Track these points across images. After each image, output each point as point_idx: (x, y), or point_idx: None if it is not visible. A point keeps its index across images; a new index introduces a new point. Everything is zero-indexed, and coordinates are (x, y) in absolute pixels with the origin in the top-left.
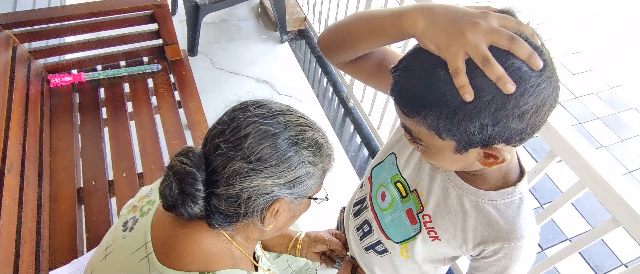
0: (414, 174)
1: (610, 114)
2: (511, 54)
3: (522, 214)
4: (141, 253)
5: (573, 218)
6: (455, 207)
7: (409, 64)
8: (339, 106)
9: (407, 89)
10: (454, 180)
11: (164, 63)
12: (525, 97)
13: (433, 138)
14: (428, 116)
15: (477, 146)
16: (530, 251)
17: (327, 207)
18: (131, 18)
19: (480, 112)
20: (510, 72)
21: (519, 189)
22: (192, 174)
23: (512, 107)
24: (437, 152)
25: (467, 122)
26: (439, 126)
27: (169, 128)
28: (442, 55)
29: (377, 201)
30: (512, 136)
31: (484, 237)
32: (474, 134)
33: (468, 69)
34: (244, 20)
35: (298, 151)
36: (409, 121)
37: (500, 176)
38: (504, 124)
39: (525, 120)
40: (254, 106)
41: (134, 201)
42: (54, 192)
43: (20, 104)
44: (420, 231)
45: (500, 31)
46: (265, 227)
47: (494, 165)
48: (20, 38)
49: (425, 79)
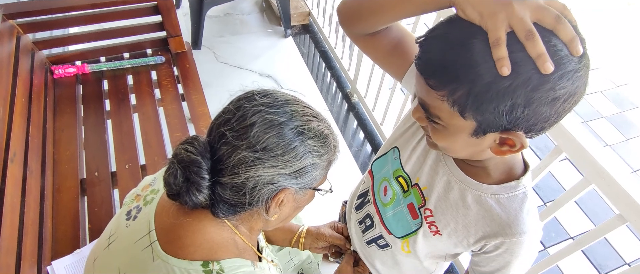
0: (416, 168)
1: (616, 113)
2: (554, 35)
3: (525, 208)
4: (145, 241)
5: (576, 216)
6: (457, 201)
7: (442, 32)
8: (343, 101)
9: (439, 59)
10: (457, 174)
11: (168, 55)
12: (562, 81)
13: (453, 117)
14: (457, 90)
15: (498, 130)
16: (532, 246)
17: (329, 201)
18: (135, 10)
19: (515, 91)
20: (551, 52)
21: (523, 183)
22: (197, 162)
23: (548, 89)
24: (453, 133)
25: (499, 100)
26: (467, 102)
27: (172, 121)
28: (484, 24)
29: (380, 196)
30: (537, 122)
31: (486, 232)
32: (501, 115)
33: (508, 42)
34: (248, 14)
35: (304, 141)
36: (431, 95)
37: (504, 169)
38: (535, 108)
39: (555, 106)
40: (260, 95)
41: (137, 190)
42: (56, 183)
43: (24, 95)
44: (422, 226)
45: (547, 9)
46: (270, 217)
47: (507, 153)
48: (24, 28)
49: (460, 49)
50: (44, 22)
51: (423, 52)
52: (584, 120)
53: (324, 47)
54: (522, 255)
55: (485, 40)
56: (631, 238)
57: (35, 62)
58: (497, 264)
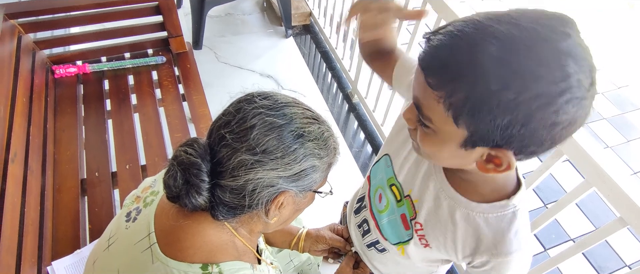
0: (409, 179)
1: (617, 115)
2: (571, 57)
3: (513, 229)
4: (144, 243)
5: (577, 218)
6: (446, 217)
7: (456, 29)
8: (343, 102)
9: (444, 55)
10: (447, 190)
11: (169, 56)
12: (567, 106)
13: (445, 122)
14: (457, 92)
15: (488, 145)
16: (520, 266)
17: (330, 202)
18: (136, 10)
19: (518, 106)
20: (563, 73)
21: (513, 202)
22: (196, 164)
23: (551, 112)
24: (441, 140)
25: (498, 112)
26: (465, 107)
27: (172, 121)
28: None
29: (375, 202)
30: (530, 144)
31: (473, 249)
32: (495, 129)
33: (523, 53)
34: (249, 14)
35: (304, 143)
36: (428, 94)
37: (495, 187)
38: (532, 128)
39: (553, 131)
40: (260, 97)
41: (137, 191)
42: (57, 182)
43: (25, 95)
44: (413, 237)
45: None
46: (270, 220)
47: (491, 172)
48: (25, 28)
49: (471, 48)
50: (45, 21)
51: (430, 47)
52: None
53: (325, 48)
54: (509, 273)
55: (500, 46)
56: (632, 240)
57: (36, 61)
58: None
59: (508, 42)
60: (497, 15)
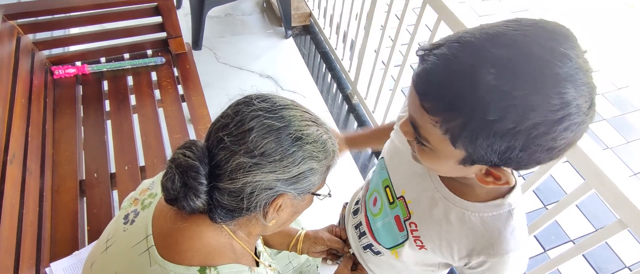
0: (402, 180)
1: (617, 115)
2: (570, 82)
3: (509, 227)
4: (142, 246)
5: (577, 219)
6: (441, 218)
7: (450, 52)
8: (343, 103)
9: (439, 81)
10: (442, 191)
11: (168, 56)
12: (566, 133)
13: (443, 144)
14: (453, 120)
15: (487, 165)
16: (517, 265)
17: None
18: (136, 10)
19: (516, 135)
20: (563, 102)
21: (509, 201)
22: (195, 167)
23: (549, 139)
24: (440, 158)
25: (496, 139)
26: (462, 134)
27: (171, 122)
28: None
29: (369, 206)
30: (528, 163)
31: (469, 250)
32: (493, 153)
33: (521, 82)
34: (248, 15)
35: (302, 146)
36: (423, 117)
37: (490, 188)
38: (530, 152)
39: (551, 153)
40: (258, 99)
41: (135, 194)
42: (56, 184)
43: (24, 95)
44: (408, 239)
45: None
46: (268, 222)
47: (490, 184)
48: (24, 29)
49: (466, 76)
50: (44, 22)
51: (423, 71)
52: None
53: (325, 49)
54: (505, 273)
55: (498, 72)
56: (632, 241)
57: (35, 62)
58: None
59: (505, 69)
60: (493, 34)
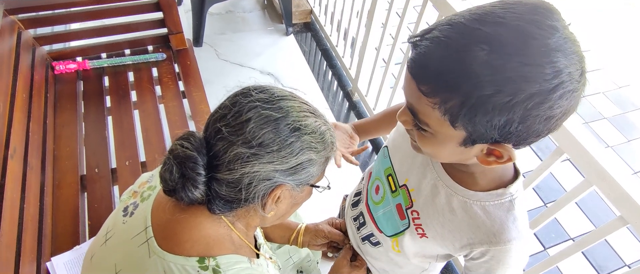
0: (405, 169)
1: (618, 114)
2: (560, 52)
3: (511, 216)
4: (141, 237)
5: (577, 217)
6: (443, 206)
7: (442, 34)
8: (344, 100)
9: (434, 63)
10: (444, 179)
11: (169, 52)
12: (561, 100)
13: (443, 125)
14: (451, 100)
15: (488, 142)
16: (519, 254)
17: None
18: (136, 6)
19: (514, 107)
20: (555, 69)
21: (510, 191)
22: (193, 158)
23: (546, 108)
24: (440, 141)
25: (495, 114)
26: (460, 112)
27: (172, 118)
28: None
29: (371, 194)
30: (528, 137)
31: (471, 239)
32: (493, 128)
33: (517, 53)
34: (249, 12)
35: (300, 137)
36: (421, 101)
37: (492, 177)
38: (529, 124)
39: (549, 123)
40: (256, 91)
41: (134, 186)
42: (57, 179)
43: (25, 91)
44: (409, 227)
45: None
46: (266, 214)
47: (493, 164)
48: (25, 24)
49: (460, 57)
50: (45, 18)
51: (418, 55)
52: (585, 121)
53: (326, 46)
54: (508, 263)
55: (490, 49)
56: (631, 239)
57: (36, 58)
58: (484, 270)
59: (496, 45)
60: (481, 14)
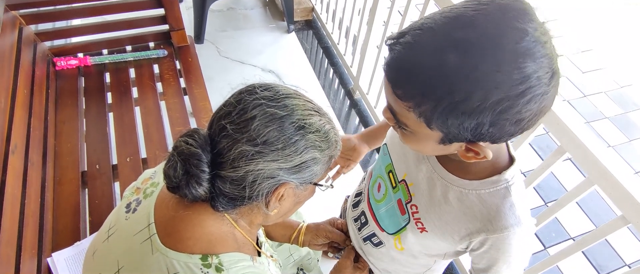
0: (403, 163)
1: (619, 114)
2: (529, 57)
3: (507, 203)
4: (144, 234)
5: (577, 217)
6: (440, 198)
7: (414, 40)
8: (345, 98)
9: (406, 68)
10: (439, 171)
11: (170, 49)
12: (530, 105)
13: (420, 126)
14: (423, 104)
15: (464, 142)
16: (520, 244)
17: (330, 196)
18: (138, 2)
19: (482, 112)
20: (522, 75)
21: (505, 177)
22: (197, 155)
23: (515, 112)
24: (420, 139)
25: (465, 118)
26: (433, 116)
27: (173, 115)
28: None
29: (373, 192)
30: (502, 136)
31: (469, 229)
32: (465, 130)
33: (486, 61)
34: (251, 9)
35: (304, 135)
36: (398, 104)
37: (487, 165)
38: (500, 127)
39: (520, 124)
40: (261, 88)
41: (137, 183)
42: (58, 175)
43: (26, 86)
44: (409, 222)
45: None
46: (270, 212)
47: (473, 160)
48: (26, 20)
49: (431, 61)
50: (46, 13)
51: (392, 59)
52: (587, 120)
53: (327, 44)
54: (510, 251)
55: (459, 55)
56: (632, 239)
57: (38, 53)
58: (486, 261)
59: (465, 50)
60: (453, 16)
